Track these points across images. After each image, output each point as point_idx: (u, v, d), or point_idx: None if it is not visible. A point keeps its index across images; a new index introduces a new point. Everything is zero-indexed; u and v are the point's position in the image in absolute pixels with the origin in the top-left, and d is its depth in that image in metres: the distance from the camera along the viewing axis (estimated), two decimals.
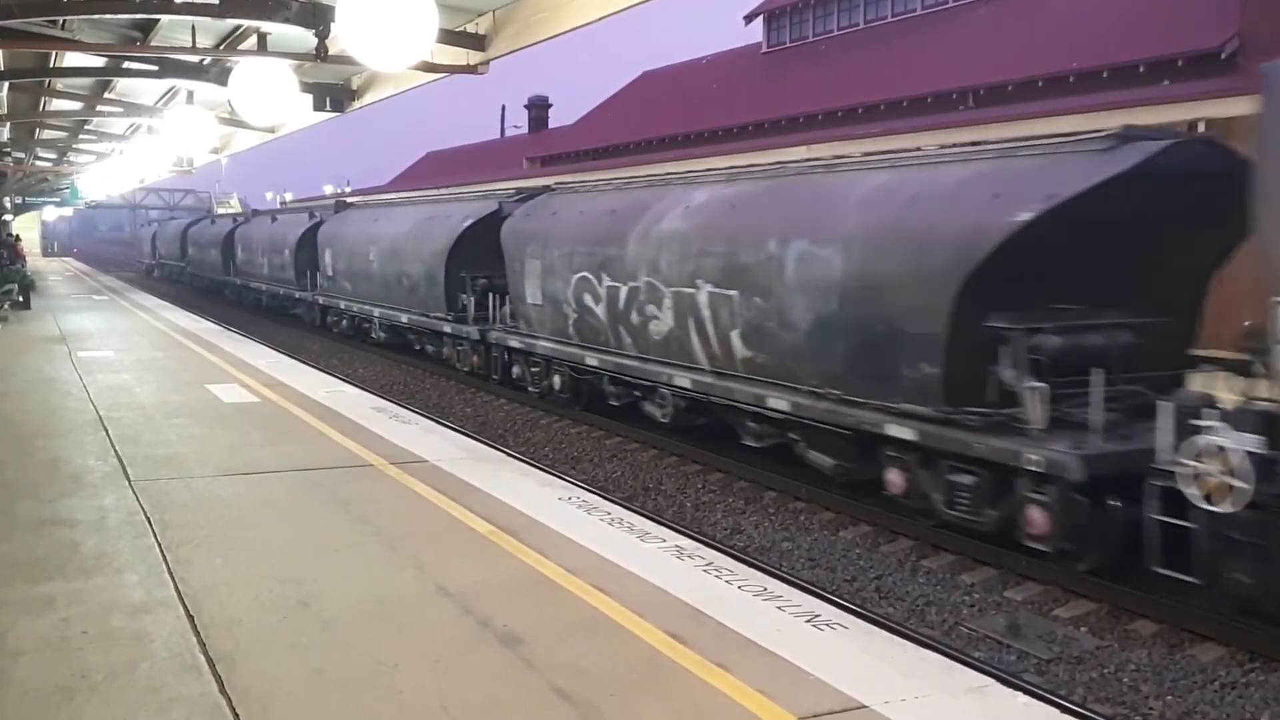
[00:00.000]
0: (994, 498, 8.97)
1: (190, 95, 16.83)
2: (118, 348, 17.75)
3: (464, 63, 12.14)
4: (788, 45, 36.01)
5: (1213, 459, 7.26)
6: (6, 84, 15.93)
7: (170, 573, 6.09)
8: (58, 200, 52.49)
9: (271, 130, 19.43)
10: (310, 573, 6.14)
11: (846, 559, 9.69)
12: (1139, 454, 7.96)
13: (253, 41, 12.27)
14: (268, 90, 11.35)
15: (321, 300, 27.87)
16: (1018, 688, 5.35)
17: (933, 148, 14.64)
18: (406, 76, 13.68)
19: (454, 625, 5.38)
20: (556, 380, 16.17)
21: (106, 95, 19.06)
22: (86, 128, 25.30)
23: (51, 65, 15.49)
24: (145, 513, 7.37)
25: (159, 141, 19.75)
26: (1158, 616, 7.97)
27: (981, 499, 9.05)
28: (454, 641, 5.17)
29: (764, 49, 36.98)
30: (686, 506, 11.50)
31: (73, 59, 15.28)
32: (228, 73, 12.79)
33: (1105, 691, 7.00)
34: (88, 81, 17.89)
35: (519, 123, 57.78)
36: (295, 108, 12.91)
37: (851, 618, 5.79)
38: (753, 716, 4.40)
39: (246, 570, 6.17)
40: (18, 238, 37.76)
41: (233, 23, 12.17)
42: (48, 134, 27.14)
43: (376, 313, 23.51)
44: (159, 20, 12.62)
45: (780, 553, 9.88)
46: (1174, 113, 16.21)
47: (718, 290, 11.86)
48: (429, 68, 11.98)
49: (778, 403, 11.21)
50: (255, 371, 15.06)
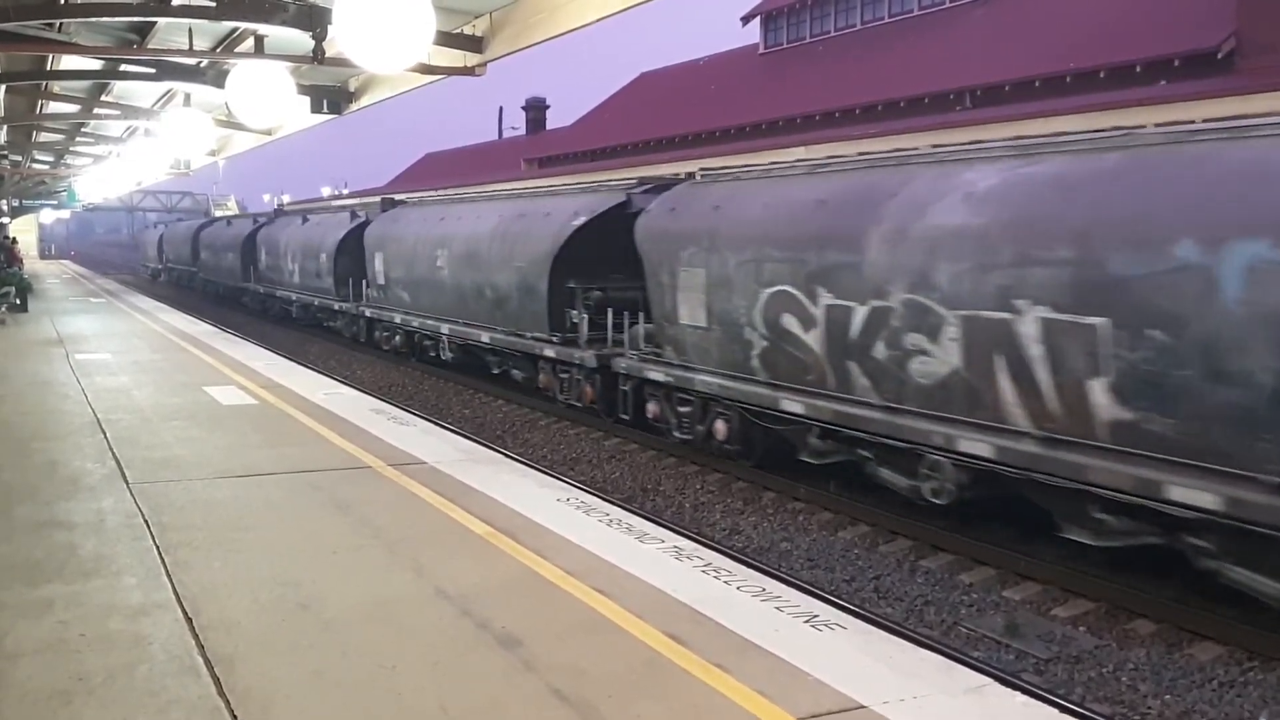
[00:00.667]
0: None
1: (187, 98, 16.86)
2: (115, 350, 17.73)
3: (461, 65, 12.15)
4: (785, 46, 36.05)
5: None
6: (3, 87, 15.92)
7: (168, 575, 6.08)
8: (55, 203, 52.51)
9: (269, 132, 19.44)
10: (309, 574, 6.14)
11: (845, 559, 9.70)
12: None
13: (250, 44, 12.27)
14: (265, 92, 11.34)
15: (369, 313, 23.58)
16: (1016, 687, 5.35)
17: None
18: (404, 79, 13.69)
19: (453, 627, 5.37)
20: (720, 426, 12.37)
21: (104, 98, 19.06)
22: (83, 130, 25.29)
23: (48, 68, 15.48)
24: (143, 515, 7.36)
25: (156, 144, 19.72)
26: (1156, 616, 7.98)
27: None
28: (453, 643, 5.17)
29: (761, 50, 37.02)
30: (685, 507, 11.50)
31: (70, 61, 15.27)
32: (225, 75, 12.80)
33: (1104, 691, 7.01)
34: (85, 84, 17.90)
35: (517, 124, 57.85)
36: (292, 110, 12.91)
37: (850, 618, 5.79)
38: (752, 717, 4.40)
39: (245, 572, 6.17)
40: (15, 240, 37.72)
41: (230, 25, 12.17)
42: (45, 136, 27.13)
43: (446, 330, 19.58)
44: (156, 23, 12.64)
45: (779, 553, 9.88)
46: (1171, 113, 16.22)
47: (1061, 317, 8.18)
48: (426, 70, 11.99)
49: (1191, 495, 7.37)
50: (253, 373, 15.05)
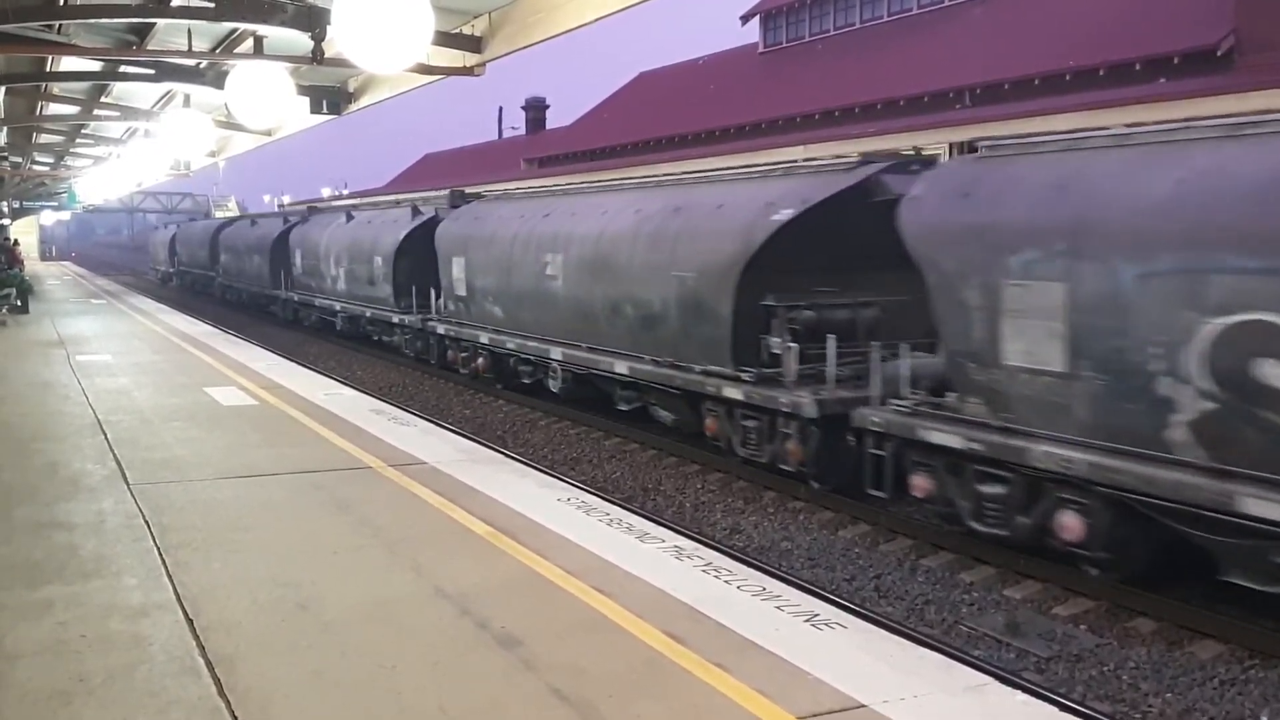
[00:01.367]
0: None
1: (187, 99, 16.83)
2: (116, 351, 17.73)
3: (460, 65, 12.14)
4: (784, 45, 36.06)
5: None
6: (3, 88, 15.93)
7: (169, 575, 6.08)
8: (55, 204, 52.54)
9: (268, 133, 19.41)
10: (309, 575, 6.14)
11: (846, 558, 9.70)
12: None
13: (249, 44, 12.26)
14: (264, 93, 11.34)
15: (443, 329, 19.75)
16: (1017, 686, 5.35)
17: None
18: (403, 79, 13.67)
19: (453, 627, 5.37)
20: (1069, 521, 8.36)
21: (103, 99, 19.05)
22: (83, 132, 25.28)
23: (48, 69, 15.46)
24: (144, 516, 7.36)
25: (156, 145, 19.72)
26: (1157, 614, 7.98)
27: None
28: (453, 643, 5.17)
29: (761, 49, 37.03)
30: (686, 507, 11.50)
31: (69, 63, 15.26)
32: (224, 76, 12.80)
33: (1105, 689, 7.01)
34: (84, 85, 17.89)
35: (516, 124, 57.89)
36: (292, 110, 12.90)
37: (851, 617, 5.79)
38: (752, 716, 4.40)
39: (245, 573, 6.16)
40: (16, 242, 37.71)
41: (229, 26, 12.15)
42: (45, 138, 27.14)
43: (558, 355, 15.73)
44: (155, 24, 12.62)
45: (779, 552, 9.88)
46: (1170, 110, 16.22)
47: None
48: (425, 70, 11.98)
49: None
50: (253, 374, 15.04)
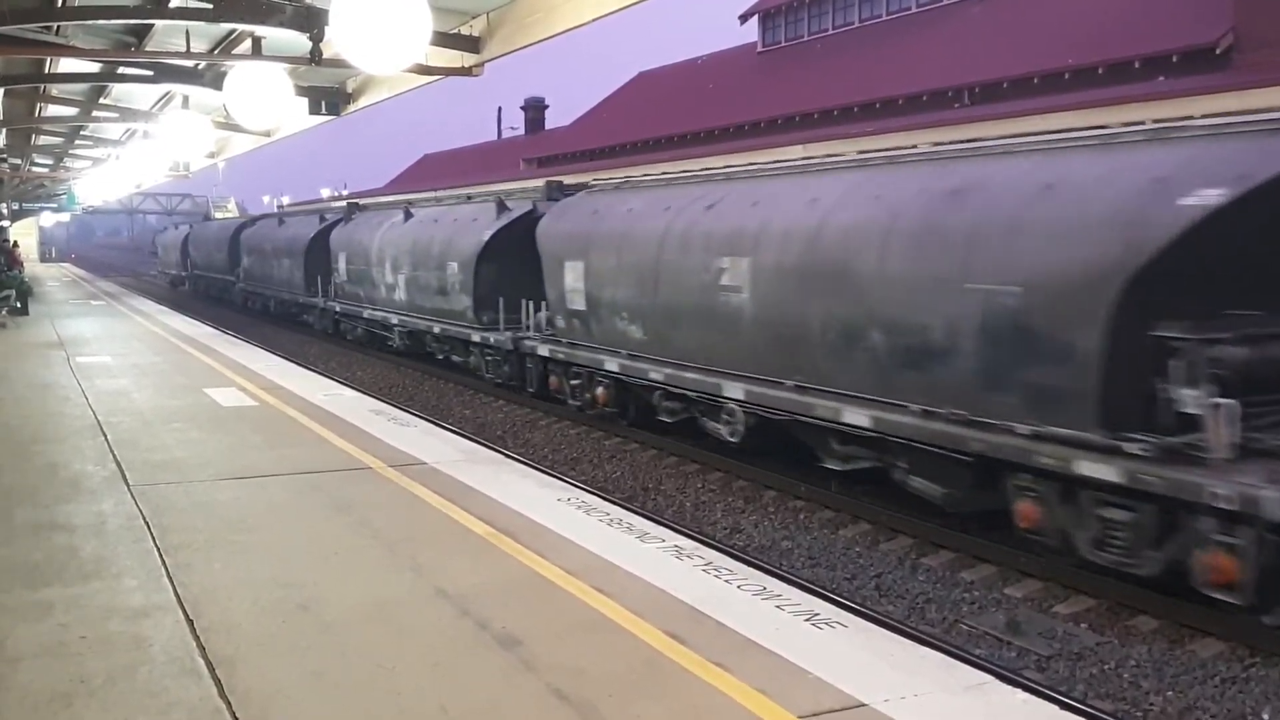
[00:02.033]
0: None
1: (186, 100, 16.84)
2: (115, 353, 17.72)
3: (459, 65, 12.15)
4: (783, 44, 36.06)
5: None
6: (1, 90, 15.94)
7: (169, 577, 6.08)
8: (55, 206, 52.55)
9: (267, 134, 19.43)
10: (309, 576, 6.14)
11: (846, 557, 9.69)
12: None
13: (247, 45, 12.27)
14: (263, 94, 11.37)
15: (547, 350, 15.75)
16: (1018, 684, 5.35)
17: None
18: (401, 79, 13.68)
19: (453, 627, 5.37)
20: None
21: (102, 100, 19.07)
22: (82, 133, 25.32)
23: (46, 71, 15.48)
24: (144, 517, 7.36)
25: (155, 146, 19.75)
26: (1157, 613, 7.97)
27: None
28: (453, 643, 5.17)
29: (759, 48, 37.04)
30: (686, 506, 11.49)
31: (67, 64, 15.28)
32: (223, 77, 12.80)
33: (1105, 687, 7.00)
34: (83, 87, 17.91)
35: (516, 124, 57.91)
36: (290, 111, 12.92)
37: (851, 616, 5.79)
38: (752, 716, 4.40)
39: (245, 574, 6.16)
40: (15, 243, 37.73)
41: (227, 27, 12.16)
42: (44, 140, 27.17)
43: (738, 392, 11.51)
44: (153, 25, 12.63)
45: (780, 551, 9.87)
46: (1169, 109, 16.23)
47: None
48: (424, 70, 12.00)
49: None
50: (253, 375, 15.04)
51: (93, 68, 15.53)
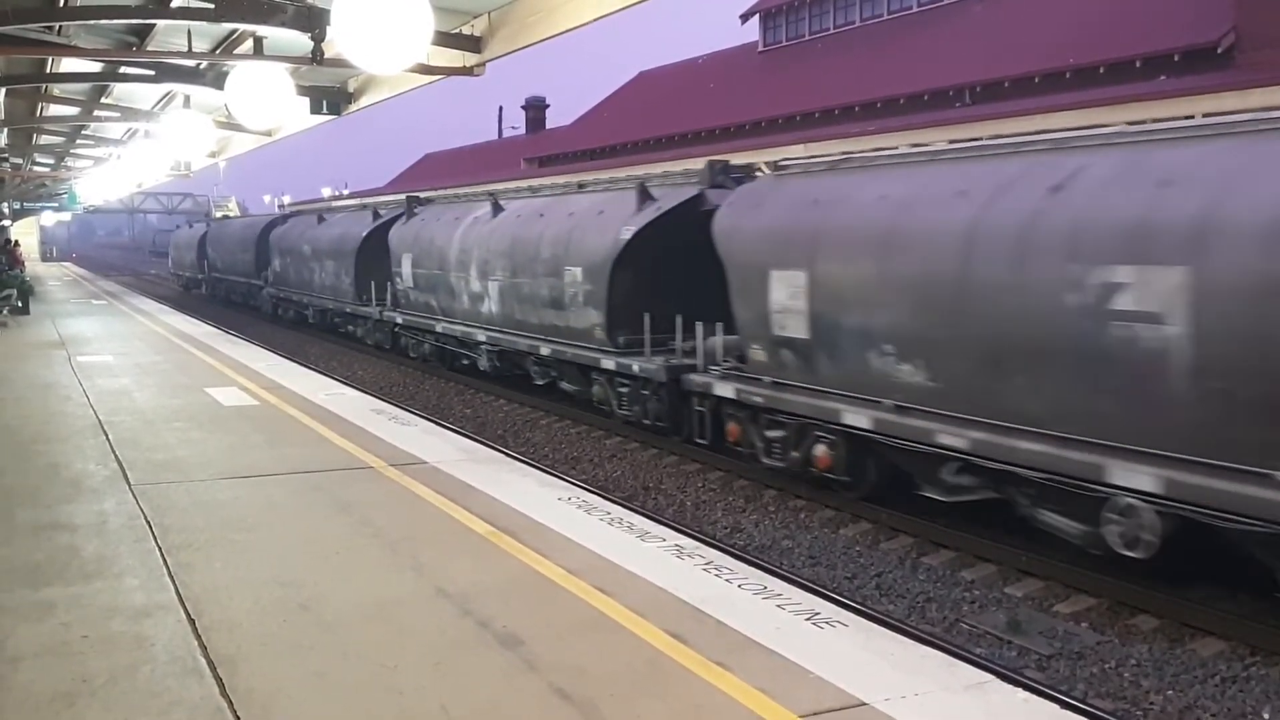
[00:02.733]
0: None
1: (187, 99, 16.85)
2: (117, 352, 17.73)
3: (460, 65, 12.15)
4: (784, 44, 36.07)
5: None
6: (3, 90, 15.94)
7: (171, 576, 6.09)
8: (56, 205, 52.58)
9: (268, 134, 19.44)
10: (311, 575, 6.15)
11: (847, 556, 9.69)
12: None
13: (249, 45, 12.27)
14: (264, 94, 11.35)
15: (734, 390, 11.88)
16: (1018, 684, 5.35)
17: None
18: (403, 79, 13.68)
19: (454, 626, 5.38)
20: None
21: (103, 100, 19.07)
22: (84, 133, 25.33)
23: (48, 71, 15.49)
24: (145, 517, 7.37)
25: (156, 146, 19.75)
26: (1158, 611, 7.98)
27: None
28: (454, 643, 5.17)
29: (760, 47, 37.05)
30: (686, 505, 11.50)
31: (69, 64, 15.29)
32: (224, 77, 12.80)
33: (1106, 686, 7.01)
34: (84, 86, 17.91)
35: (517, 124, 57.92)
36: (292, 111, 12.90)
37: (852, 615, 5.79)
38: (753, 715, 4.40)
39: (247, 573, 6.17)
40: (16, 243, 37.74)
41: (229, 27, 12.17)
42: (45, 139, 27.18)
43: (1146, 481, 7.52)
44: (155, 25, 12.64)
45: (780, 551, 9.88)
46: (1171, 108, 16.23)
47: None
48: (425, 70, 12.00)
49: None
50: (254, 375, 15.05)
51: (94, 67, 15.54)
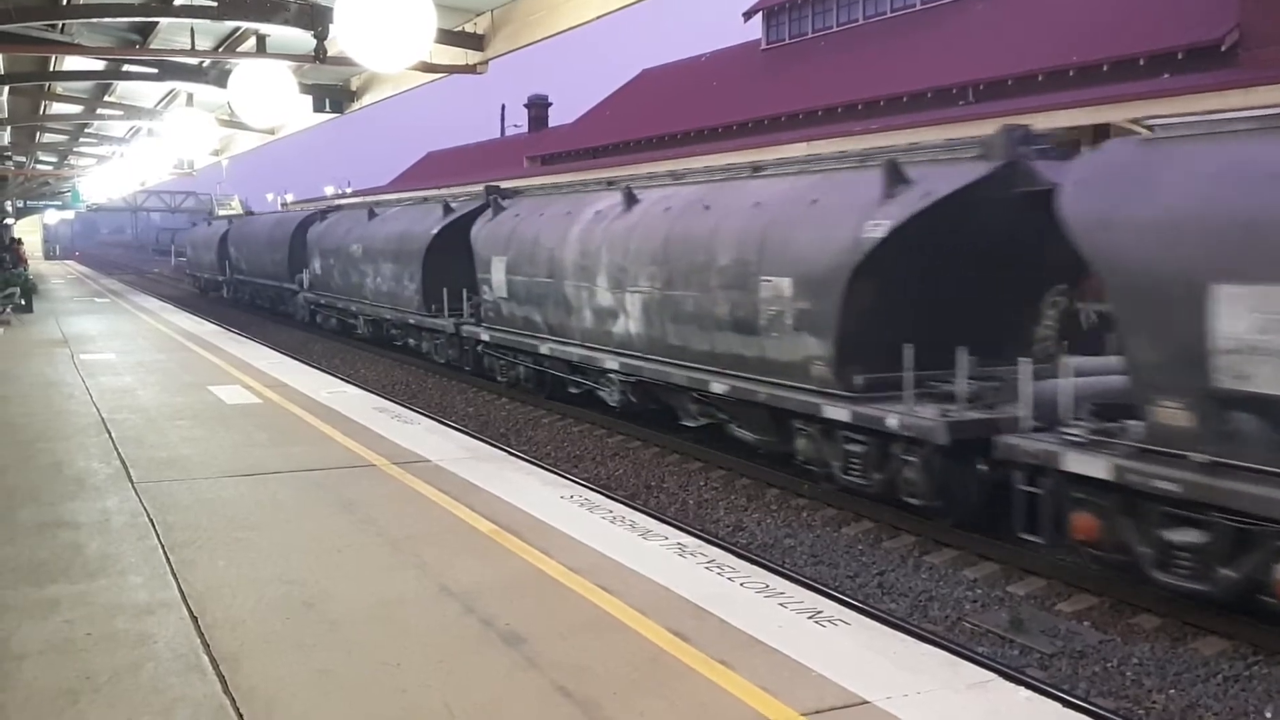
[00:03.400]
0: None
1: (190, 98, 16.87)
2: (120, 350, 17.76)
3: (463, 63, 12.15)
4: (787, 42, 36.01)
5: None
6: (6, 88, 15.96)
7: (174, 574, 6.10)
8: (59, 203, 52.60)
9: (271, 132, 19.44)
10: (313, 573, 6.16)
11: (849, 555, 9.70)
12: None
13: (252, 43, 12.27)
14: (267, 92, 11.35)
15: (1183, 484, 7.24)
16: (1021, 682, 5.36)
17: None
18: (405, 77, 13.68)
19: (457, 625, 5.39)
20: None
21: (106, 98, 19.09)
22: (87, 131, 25.33)
23: (51, 69, 15.50)
24: (148, 515, 7.38)
25: (159, 144, 19.72)
26: (1160, 610, 7.98)
27: None
28: (457, 641, 5.18)
29: (763, 45, 36.98)
30: (689, 504, 11.50)
31: (72, 62, 15.29)
32: (227, 75, 12.80)
33: (1108, 685, 7.01)
34: (88, 85, 17.92)
35: (519, 122, 57.88)
36: (294, 109, 12.90)
37: (854, 614, 5.80)
38: (755, 713, 4.41)
39: (250, 571, 6.18)
40: (20, 241, 37.79)
41: (231, 25, 12.18)
42: (48, 137, 27.20)
43: None
44: (158, 23, 12.65)
45: (783, 549, 9.88)
46: (1174, 105, 16.19)
47: None
48: (428, 68, 11.98)
49: None
50: (257, 373, 15.06)
51: (97, 65, 15.55)
